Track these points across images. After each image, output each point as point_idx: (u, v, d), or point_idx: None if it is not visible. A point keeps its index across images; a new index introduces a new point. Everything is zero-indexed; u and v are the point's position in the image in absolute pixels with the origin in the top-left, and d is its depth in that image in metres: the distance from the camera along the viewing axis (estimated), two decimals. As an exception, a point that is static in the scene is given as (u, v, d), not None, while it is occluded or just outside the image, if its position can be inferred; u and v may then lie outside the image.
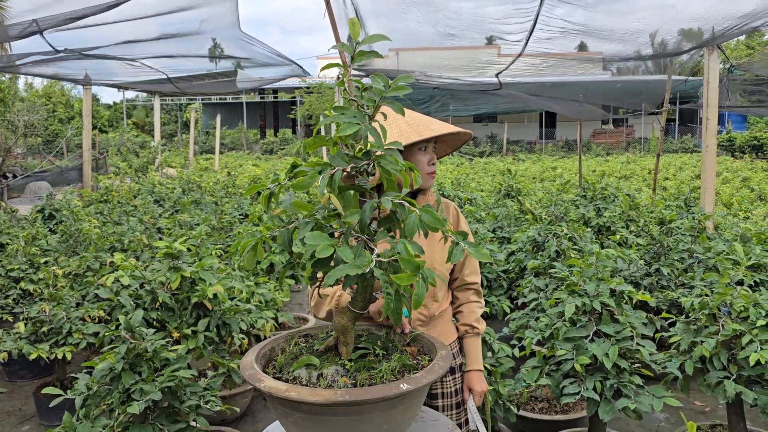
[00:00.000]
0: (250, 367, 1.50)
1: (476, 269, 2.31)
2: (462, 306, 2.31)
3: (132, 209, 7.42)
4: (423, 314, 2.16)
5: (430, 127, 2.03)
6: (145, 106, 40.63)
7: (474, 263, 2.30)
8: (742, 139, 28.02)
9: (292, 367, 1.52)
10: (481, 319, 2.31)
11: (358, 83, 1.49)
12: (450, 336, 2.27)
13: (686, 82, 13.62)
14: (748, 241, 4.96)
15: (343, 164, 1.42)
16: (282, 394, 1.36)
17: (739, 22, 5.18)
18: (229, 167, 18.66)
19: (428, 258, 2.04)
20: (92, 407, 2.36)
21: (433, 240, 2.09)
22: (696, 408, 4.13)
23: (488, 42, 7.93)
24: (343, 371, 1.50)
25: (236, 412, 3.98)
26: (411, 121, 2.05)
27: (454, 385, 2.26)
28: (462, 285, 2.29)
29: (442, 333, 2.22)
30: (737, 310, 2.80)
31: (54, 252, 5.29)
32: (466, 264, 2.28)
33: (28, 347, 3.54)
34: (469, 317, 2.29)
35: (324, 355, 1.58)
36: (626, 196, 6.31)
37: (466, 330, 2.29)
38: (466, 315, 2.29)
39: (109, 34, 6.83)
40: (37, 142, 27.40)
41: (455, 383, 2.26)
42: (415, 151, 2.06)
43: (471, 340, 2.29)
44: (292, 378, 1.49)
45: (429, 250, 2.09)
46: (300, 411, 1.39)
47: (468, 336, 2.29)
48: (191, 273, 3.18)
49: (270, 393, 1.38)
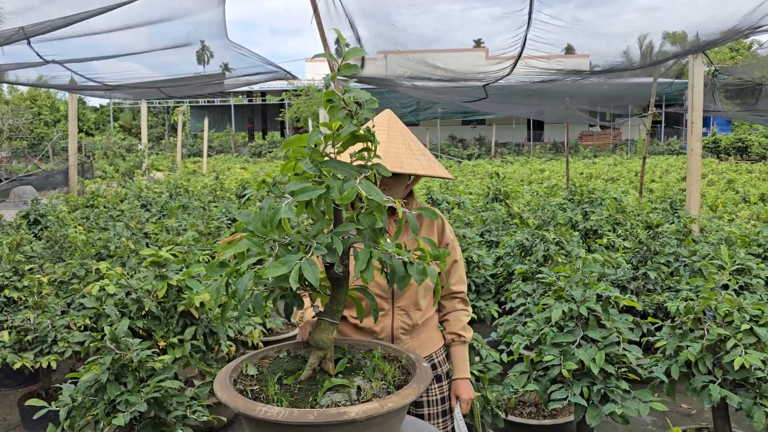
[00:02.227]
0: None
1: (462, 278, 2.30)
2: (448, 314, 2.29)
3: (119, 214, 7.36)
4: (406, 323, 2.15)
5: (398, 164, 2.01)
6: (132, 108, 40.38)
7: (460, 272, 2.28)
8: (727, 141, 28.31)
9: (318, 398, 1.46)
10: (467, 327, 2.30)
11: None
12: (435, 344, 2.26)
13: (671, 84, 13.76)
14: (732, 244, 5.00)
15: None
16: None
17: (724, 28, 5.23)
18: (217, 170, 18.57)
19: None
20: (77, 419, 2.33)
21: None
22: (682, 411, 4.15)
23: (476, 45, 7.97)
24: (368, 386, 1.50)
25: (223, 422, 3.94)
26: (385, 148, 2.03)
27: (441, 393, 2.25)
28: (448, 294, 2.28)
29: (426, 341, 2.21)
30: (722, 314, 2.82)
31: (39, 259, 5.23)
32: (451, 273, 2.27)
33: (12, 356, 3.50)
34: (455, 326, 2.27)
35: (317, 377, 1.54)
36: (613, 199, 6.35)
37: (452, 338, 2.28)
38: (453, 323, 2.28)
39: (98, 41, 6.80)
40: (22, 145, 27.14)
41: (441, 391, 2.25)
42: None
43: (458, 349, 2.28)
44: (332, 403, 1.44)
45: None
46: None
47: (455, 344, 2.28)
48: (178, 281, 3.16)
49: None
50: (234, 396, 1.41)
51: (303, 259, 1.32)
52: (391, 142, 2.07)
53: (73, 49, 6.90)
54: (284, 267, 1.30)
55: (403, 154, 2.06)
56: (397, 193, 2.14)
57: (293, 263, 1.31)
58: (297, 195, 1.36)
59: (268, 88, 33.65)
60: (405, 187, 2.18)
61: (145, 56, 7.67)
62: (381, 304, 2.12)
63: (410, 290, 2.13)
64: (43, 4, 5.45)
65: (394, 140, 2.08)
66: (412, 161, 2.05)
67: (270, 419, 1.31)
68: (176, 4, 6.05)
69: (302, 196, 1.36)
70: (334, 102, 1.43)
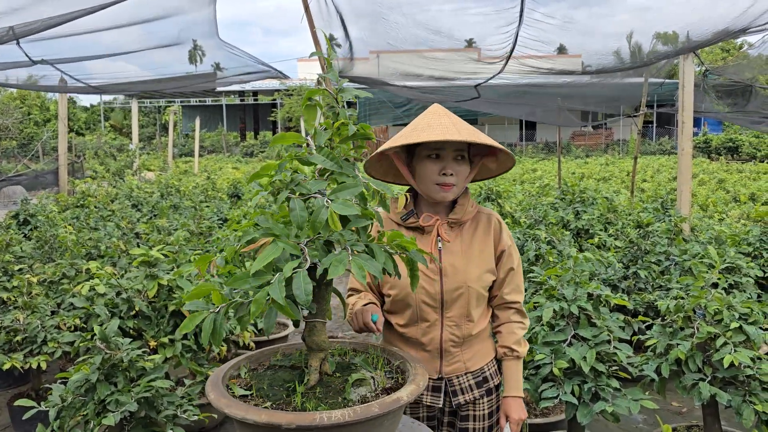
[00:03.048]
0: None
1: (519, 287, 2.10)
2: (501, 326, 2.10)
3: (109, 214, 7.32)
4: (456, 335, 2.00)
5: (430, 133, 1.87)
6: (123, 108, 40.20)
7: (517, 280, 2.09)
8: (718, 140, 28.50)
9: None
10: (522, 340, 2.10)
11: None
12: (487, 356, 2.11)
13: (662, 85, 13.82)
14: (723, 243, 5.04)
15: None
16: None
17: (716, 29, 5.26)
18: (208, 170, 18.51)
19: (462, 273, 1.97)
20: (67, 419, 2.32)
21: (470, 254, 1.99)
22: (673, 409, 4.18)
23: (468, 45, 7.97)
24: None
25: (215, 420, 3.94)
26: (420, 125, 1.92)
27: (489, 407, 2.10)
28: (502, 303, 2.09)
29: (478, 353, 2.07)
30: (711, 312, 2.84)
31: (29, 259, 5.19)
32: (506, 281, 2.07)
33: (1, 357, 3.47)
34: (508, 339, 2.08)
35: (323, 378, 1.53)
36: (605, 198, 6.38)
37: (504, 352, 2.08)
38: (506, 336, 2.08)
39: (87, 41, 6.76)
40: (11, 145, 26.95)
41: (490, 405, 2.10)
42: (423, 158, 1.94)
43: (510, 364, 2.08)
44: (361, 397, 1.45)
45: (464, 264, 1.98)
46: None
47: (507, 359, 2.08)
48: (168, 281, 3.15)
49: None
50: (284, 414, 1.33)
51: (353, 256, 1.29)
52: (442, 120, 1.92)
53: (63, 49, 6.86)
54: (354, 264, 1.28)
55: (455, 129, 1.89)
56: (462, 182, 1.98)
57: (344, 259, 1.28)
58: (340, 192, 1.32)
59: (260, 87, 33.61)
60: (467, 177, 2.01)
61: (136, 56, 7.64)
62: (429, 314, 1.98)
63: (461, 300, 1.97)
64: (34, 4, 5.41)
65: (443, 119, 1.93)
66: (483, 138, 1.89)
67: (335, 422, 1.27)
68: (166, 3, 6.03)
69: (344, 193, 1.32)
70: (311, 102, 1.42)
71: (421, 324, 2.00)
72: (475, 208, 2.06)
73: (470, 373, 2.06)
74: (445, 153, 1.92)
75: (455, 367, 2.04)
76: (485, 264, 2.02)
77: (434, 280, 1.97)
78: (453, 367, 2.04)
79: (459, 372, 2.04)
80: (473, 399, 2.06)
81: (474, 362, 2.06)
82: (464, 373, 2.05)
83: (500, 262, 2.06)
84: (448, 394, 2.04)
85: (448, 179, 1.92)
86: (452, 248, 2.00)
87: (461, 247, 2.01)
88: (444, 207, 2.04)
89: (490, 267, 2.03)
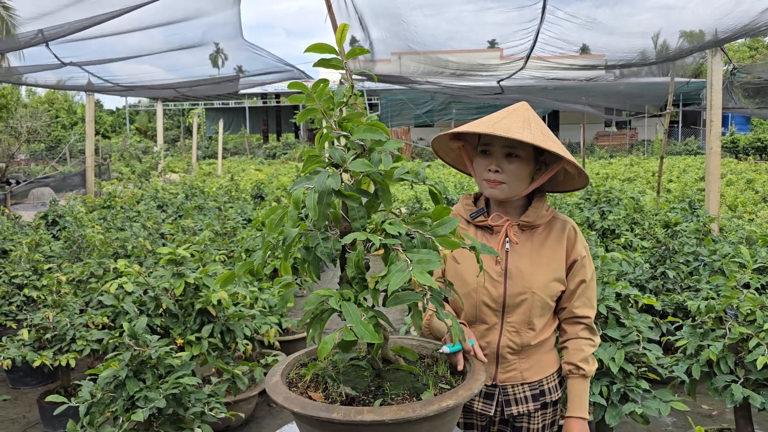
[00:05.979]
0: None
1: (591, 301, 1.95)
2: (568, 341, 1.97)
3: (135, 215, 7.43)
4: (515, 342, 1.89)
5: (480, 126, 1.79)
6: (148, 111, 40.78)
7: (588, 294, 1.94)
8: (745, 140, 27.98)
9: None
10: (591, 359, 1.95)
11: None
12: (547, 369, 1.98)
13: (688, 84, 13.63)
14: (753, 243, 4.94)
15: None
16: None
17: (741, 23, 5.17)
18: (232, 172, 18.68)
19: (528, 278, 1.88)
20: (96, 415, 2.35)
21: (539, 260, 1.89)
22: (703, 412, 4.10)
23: (490, 45, 7.93)
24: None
25: (241, 418, 3.96)
26: (491, 119, 1.83)
27: (543, 421, 1.99)
28: (571, 317, 1.96)
29: (536, 364, 1.95)
30: (744, 313, 2.78)
31: (57, 258, 5.29)
32: (577, 293, 1.93)
33: (31, 354, 3.53)
34: (574, 356, 1.94)
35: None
36: (630, 198, 6.30)
37: (570, 369, 1.95)
38: (572, 353, 1.95)
39: (114, 43, 6.88)
40: (40, 147, 27.50)
41: (544, 419, 2.00)
42: (478, 152, 1.89)
43: (575, 382, 1.95)
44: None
45: (531, 269, 1.88)
46: None
47: (572, 377, 1.95)
48: (195, 279, 3.17)
49: None
50: (435, 401, 1.32)
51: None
52: (509, 117, 1.81)
53: (90, 51, 6.99)
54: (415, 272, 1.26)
55: (516, 126, 1.75)
56: (515, 182, 1.84)
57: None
58: (421, 264, 1.28)
59: (282, 90, 33.81)
60: (526, 178, 1.86)
61: (160, 58, 7.75)
62: (489, 316, 1.89)
63: (524, 306, 1.87)
64: (60, 9, 5.53)
65: (512, 116, 1.81)
66: (524, 133, 1.72)
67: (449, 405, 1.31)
68: (191, 5, 6.10)
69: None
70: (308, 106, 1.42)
71: (479, 326, 1.92)
72: (550, 213, 1.94)
73: (527, 384, 1.95)
74: (494, 149, 1.84)
75: (511, 375, 1.94)
76: (554, 272, 1.90)
77: (498, 282, 1.88)
78: (508, 375, 1.94)
79: (515, 381, 1.94)
80: (528, 411, 1.96)
81: (532, 373, 1.95)
82: (520, 384, 1.95)
83: (571, 272, 1.93)
84: (501, 404, 1.95)
85: (494, 176, 1.84)
86: (520, 251, 1.90)
87: (530, 251, 1.90)
88: (516, 208, 1.94)
89: (559, 276, 1.91)
